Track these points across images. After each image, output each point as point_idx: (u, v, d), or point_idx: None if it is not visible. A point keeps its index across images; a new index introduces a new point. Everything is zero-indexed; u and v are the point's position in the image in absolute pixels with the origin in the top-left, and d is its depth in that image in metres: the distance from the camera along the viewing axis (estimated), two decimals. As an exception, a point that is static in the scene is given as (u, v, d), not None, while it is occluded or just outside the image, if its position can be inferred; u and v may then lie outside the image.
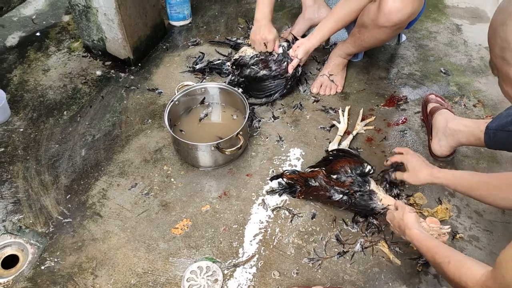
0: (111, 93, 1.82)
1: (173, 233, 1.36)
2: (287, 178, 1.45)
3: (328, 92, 1.78)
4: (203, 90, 1.65)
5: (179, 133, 1.58)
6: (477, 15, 2.20)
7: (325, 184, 1.37)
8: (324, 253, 1.31)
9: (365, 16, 1.52)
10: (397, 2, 1.40)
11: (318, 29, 1.64)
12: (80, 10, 1.82)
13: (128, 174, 1.52)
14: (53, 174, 1.52)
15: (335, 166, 1.38)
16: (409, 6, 1.40)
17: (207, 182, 1.50)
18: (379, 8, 1.43)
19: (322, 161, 1.48)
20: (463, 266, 0.94)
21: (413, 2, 1.40)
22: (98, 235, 1.36)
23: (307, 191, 1.40)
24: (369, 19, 1.50)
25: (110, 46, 1.90)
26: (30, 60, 1.96)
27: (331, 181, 1.36)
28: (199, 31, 2.13)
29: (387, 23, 1.45)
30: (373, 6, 1.48)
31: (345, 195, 1.33)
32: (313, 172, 1.41)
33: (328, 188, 1.36)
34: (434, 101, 1.62)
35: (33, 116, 1.72)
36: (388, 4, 1.41)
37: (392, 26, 1.46)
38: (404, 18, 1.43)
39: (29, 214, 1.41)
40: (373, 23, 1.49)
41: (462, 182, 1.18)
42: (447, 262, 0.97)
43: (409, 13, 1.42)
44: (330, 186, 1.36)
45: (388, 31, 1.50)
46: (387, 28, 1.48)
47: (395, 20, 1.44)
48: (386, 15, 1.43)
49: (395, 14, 1.42)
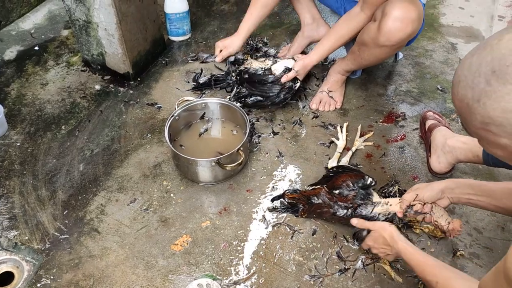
0: (110, 108, 1.81)
1: (173, 250, 1.34)
2: (289, 198, 1.44)
3: (327, 108, 1.79)
4: (204, 105, 1.65)
5: (179, 148, 1.57)
6: (471, 34, 2.25)
7: (328, 201, 1.36)
8: (325, 270, 1.30)
9: (365, 34, 1.54)
10: (397, 22, 1.42)
11: (318, 46, 1.66)
12: (81, 25, 1.83)
13: (127, 189, 1.51)
14: (50, 189, 1.50)
15: (337, 181, 1.38)
16: (409, 26, 1.42)
17: (207, 197, 1.49)
18: (379, 27, 1.45)
19: (323, 179, 1.48)
20: (450, 285, 0.94)
21: (412, 22, 1.42)
22: (95, 252, 1.34)
23: (310, 209, 1.40)
24: (369, 37, 1.52)
25: (110, 61, 1.90)
26: (28, 74, 1.96)
27: (333, 196, 1.36)
28: (198, 46, 2.14)
29: (387, 42, 1.47)
30: (373, 25, 1.50)
31: (349, 210, 1.33)
32: (315, 190, 1.41)
33: (331, 204, 1.36)
34: (432, 118, 1.64)
35: (30, 130, 1.71)
36: (388, 24, 1.43)
37: (392, 45, 1.48)
38: (404, 37, 1.45)
39: (25, 230, 1.39)
40: (373, 42, 1.51)
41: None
42: (435, 282, 0.97)
43: (409, 32, 1.44)
44: (333, 202, 1.36)
45: (388, 50, 1.52)
46: (387, 47, 1.50)
47: (395, 40, 1.46)
48: (386, 34, 1.45)
49: (396, 33, 1.44)
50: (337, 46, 1.64)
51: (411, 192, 1.26)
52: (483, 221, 1.42)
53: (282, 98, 1.73)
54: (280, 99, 1.73)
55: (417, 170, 1.58)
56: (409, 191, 1.28)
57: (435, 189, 1.21)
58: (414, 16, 1.41)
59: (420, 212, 1.25)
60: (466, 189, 1.18)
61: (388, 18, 1.42)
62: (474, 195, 1.16)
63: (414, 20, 1.42)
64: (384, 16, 1.43)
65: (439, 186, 1.21)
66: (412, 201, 1.24)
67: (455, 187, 1.20)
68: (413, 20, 1.42)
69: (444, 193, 1.21)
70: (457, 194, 1.19)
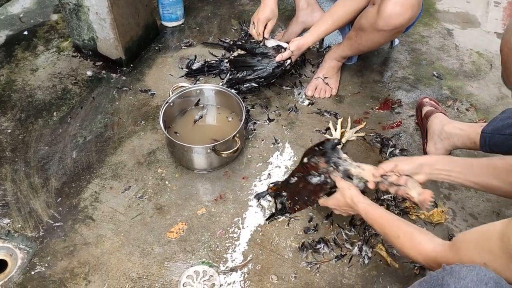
0: (102, 94, 1.78)
1: (168, 237, 1.33)
2: (272, 190, 1.42)
3: (323, 95, 1.78)
4: (198, 91, 1.62)
5: (174, 135, 1.55)
6: (467, 20, 2.23)
7: (302, 175, 1.31)
8: (322, 256, 1.30)
9: (363, 19, 1.52)
10: (397, 7, 1.40)
11: (314, 28, 1.63)
12: (71, 8, 1.78)
13: (121, 177, 1.49)
14: (43, 176, 1.48)
15: (304, 155, 1.33)
16: (409, 11, 1.41)
17: (202, 185, 1.48)
18: (378, 12, 1.44)
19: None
20: (413, 240, 0.94)
21: (412, 7, 1.41)
22: (90, 239, 1.32)
23: (291, 194, 1.35)
24: (368, 22, 1.50)
25: (102, 46, 1.86)
26: (17, 59, 1.91)
27: (304, 167, 1.30)
28: (192, 32, 2.11)
29: (387, 27, 1.45)
30: (372, 10, 1.48)
31: (322, 176, 1.26)
32: (291, 173, 1.38)
33: (305, 177, 1.30)
34: (429, 105, 1.63)
35: (21, 116, 1.67)
36: (388, 8, 1.41)
37: (391, 29, 1.47)
38: (403, 22, 1.44)
39: (18, 218, 1.37)
40: (372, 27, 1.49)
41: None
42: (397, 236, 0.98)
43: (408, 17, 1.42)
44: (306, 173, 1.30)
45: (387, 34, 1.50)
46: (386, 32, 1.48)
47: (394, 24, 1.44)
48: (386, 19, 1.43)
49: (395, 18, 1.42)
50: (333, 28, 1.62)
51: (390, 163, 1.18)
52: (479, 207, 1.43)
53: (270, 72, 1.67)
54: (269, 73, 1.67)
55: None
56: (388, 162, 1.20)
57: (415, 162, 1.15)
58: (413, 0, 1.40)
59: (394, 183, 1.17)
60: (447, 165, 1.13)
61: (388, 2, 1.40)
62: (453, 171, 1.12)
63: (414, 5, 1.41)
64: (384, 0, 1.41)
65: (420, 161, 1.15)
66: (388, 170, 1.17)
67: (435, 162, 1.14)
68: (413, 5, 1.40)
69: (423, 168, 1.14)
70: (437, 170, 1.14)
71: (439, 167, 1.14)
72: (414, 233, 0.96)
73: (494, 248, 0.73)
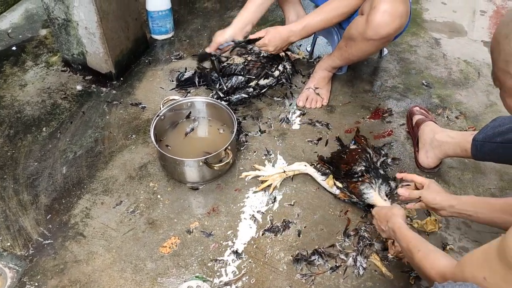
0: (92, 108, 1.77)
1: (161, 252, 1.32)
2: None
3: (314, 105, 1.78)
4: (189, 104, 1.62)
5: (165, 149, 1.54)
6: (454, 29, 2.27)
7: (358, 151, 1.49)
8: (316, 268, 1.29)
9: (353, 29, 1.53)
10: (386, 16, 1.42)
11: (303, 19, 1.62)
12: (60, 23, 1.78)
13: (113, 192, 1.47)
14: (32, 193, 1.46)
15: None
16: (397, 20, 1.42)
17: (195, 198, 1.47)
18: (367, 21, 1.45)
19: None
20: (430, 255, 0.98)
21: (401, 16, 1.42)
22: (81, 257, 1.30)
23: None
24: (357, 32, 1.51)
25: (91, 60, 1.85)
26: (6, 75, 1.89)
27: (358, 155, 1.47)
28: (182, 44, 2.11)
29: (376, 36, 1.47)
30: (361, 19, 1.49)
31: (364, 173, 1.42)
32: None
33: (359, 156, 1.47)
34: (419, 113, 1.64)
35: (10, 133, 1.65)
36: (377, 17, 1.42)
37: (380, 39, 1.48)
38: (392, 32, 1.45)
39: (7, 236, 1.34)
40: (361, 36, 1.50)
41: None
42: (417, 250, 1.02)
43: (397, 26, 1.44)
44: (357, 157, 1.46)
45: (376, 43, 1.51)
46: (375, 41, 1.49)
47: (383, 34, 1.45)
48: (375, 28, 1.44)
49: (384, 27, 1.44)
50: (322, 25, 1.61)
51: (415, 192, 1.24)
52: (471, 215, 1.43)
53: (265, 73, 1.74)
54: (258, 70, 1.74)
55: (405, 165, 1.58)
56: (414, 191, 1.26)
57: (443, 201, 1.19)
58: (402, 10, 1.42)
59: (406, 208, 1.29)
60: (468, 206, 1.16)
61: (376, 12, 1.42)
62: (473, 211, 1.15)
63: (403, 14, 1.42)
64: (373, 9, 1.42)
65: (450, 202, 1.18)
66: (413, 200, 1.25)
67: (456, 204, 1.17)
68: (401, 14, 1.42)
69: (444, 208, 1.18)
70: (457, 210, 1.17)
71: (458, 208, 1.16)
72: (433, 251, 1.00)
73: (493, 262, 0.76)
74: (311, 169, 1.50)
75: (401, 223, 1.14)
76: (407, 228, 1.12)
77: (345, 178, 1.43)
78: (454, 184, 1.52)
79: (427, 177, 1.42)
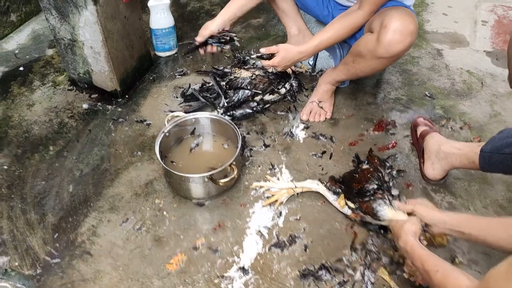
0: (98, 126, 1.79)
1: (168, 269, 1.31)
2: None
3: (317, 119, 1.79)
4: (194, 120, 1.63)
5: (171, 165, 1.55)
6: (456, 39, 2.28)
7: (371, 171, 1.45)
8: (324, 283, 1.28)
9: (362, 46, 1.53)
10: (397, 34, 1.41)
11: (314, 39, 1.58)
12: (66, 43, 1.81)
13: (119, 209, 1.48)
14: (40, 212, 1.47)
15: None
16: (408, 38, 1.42)
17: (200, 214, 1.47)
18: (378, 39, 1.45)
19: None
20: (450, 276, 0.96)
21: (411, 34, 1.42)
22: (88, 275, 1.30)
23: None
24: (367, 49, 1.51)
25: (97, 79, 1.88)
26: (13, 95, 1.92)
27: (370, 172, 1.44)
28: (185, 61, 2.14)
29: (386, 54, 1.46)
30: (371, 37, 1.49)
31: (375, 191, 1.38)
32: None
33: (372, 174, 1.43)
34: (423, 124, 1.64)
35: (17, 152, 1.67)
36: (388, 36, 1.42)
37: (391, 57, 1.48)
38: (402, 50, 1.45)
39: (15, 256, 1.35)
40: (371, 54, 1.50)
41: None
42: (435, 270, 0.99)
43: (407, 44, 1.43)
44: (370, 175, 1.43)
45: (386, 61, 1.51)
46: (385, 59, 1.49)
47: (394, 52, 1.45)
48: (386, 46, 1.44)
49: (395, 45, 1.43)
50: (332, 42, 1.57)
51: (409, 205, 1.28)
52: (479, 226, 1.42)
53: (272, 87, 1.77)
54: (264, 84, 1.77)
55: (411, 177, 1.57)
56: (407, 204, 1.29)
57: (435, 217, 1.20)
58: (412, 28, 1.42)
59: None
60: (461, 223, 1.16)
61: (387, 30, 1.41)
62: (466, 228, 1.14)
63: (413, 32, 1.42)
64: (383, 28, 1.42)
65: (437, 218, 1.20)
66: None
67: (449, 220, 1.17)
68: (412, 32, 1.42)
69: (436, 224, 1.19)
70: (449, 227, 1.17)
71: (450, 225, 1.16)
72: (452, 270, 0.98)
73: None
74: (322, 188, 1.48)
75: (413, 242, 1.12)
76: (420, 246, 1.10)
77: (357, 197, 1.40)
78: (461, 196, 1.51)
79: (433, 189, 1.43)
